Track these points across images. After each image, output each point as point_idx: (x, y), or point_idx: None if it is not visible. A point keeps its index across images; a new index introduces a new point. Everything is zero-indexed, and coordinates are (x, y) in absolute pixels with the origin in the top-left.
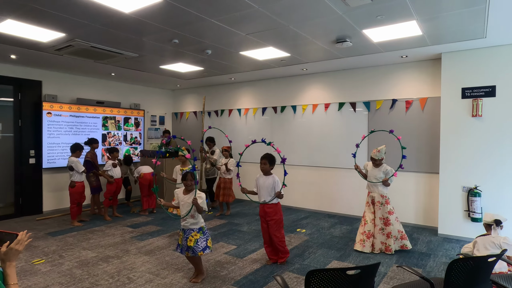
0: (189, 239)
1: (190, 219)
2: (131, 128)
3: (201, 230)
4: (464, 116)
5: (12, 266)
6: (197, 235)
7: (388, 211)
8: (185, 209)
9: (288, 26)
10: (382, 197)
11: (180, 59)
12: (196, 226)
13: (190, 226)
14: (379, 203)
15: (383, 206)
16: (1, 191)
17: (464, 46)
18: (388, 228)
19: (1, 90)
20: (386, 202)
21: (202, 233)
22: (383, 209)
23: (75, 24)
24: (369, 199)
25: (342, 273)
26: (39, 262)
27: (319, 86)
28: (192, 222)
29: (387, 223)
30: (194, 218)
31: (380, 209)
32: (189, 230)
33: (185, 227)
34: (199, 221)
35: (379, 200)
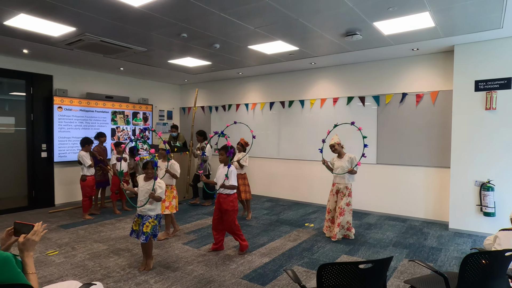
0: (146, 224)
1: (148, 205)
2: (139, 122)
3: (157, 216)
4: (477, 109)
5: (30, 256)
6: (154, 221)
7: (347, 203)
8: (143, 195)
9: (297, 19)
10: (346, 189)
11: (188, 53)
12: (154, 212)
13: (148, 212)
14: (342, 193)
15: (345, 197)
16: (15, 183)
17: (478, 38)
18: (340, 218)
19: (14, 84)
20: (349, 194)
21: (158, 221)
22: (344, 200)
23: (86, 18)
24: (334, 189)
25: (354, 267)
26: (53, 254)
27: (328, 80)
28: (150, 208)
29: (341, 213)
30: (152, 204)
31: (342, 199)
32: (146, 216)
33: (142, 213)
34: (157, 208)
35: (343, 191)
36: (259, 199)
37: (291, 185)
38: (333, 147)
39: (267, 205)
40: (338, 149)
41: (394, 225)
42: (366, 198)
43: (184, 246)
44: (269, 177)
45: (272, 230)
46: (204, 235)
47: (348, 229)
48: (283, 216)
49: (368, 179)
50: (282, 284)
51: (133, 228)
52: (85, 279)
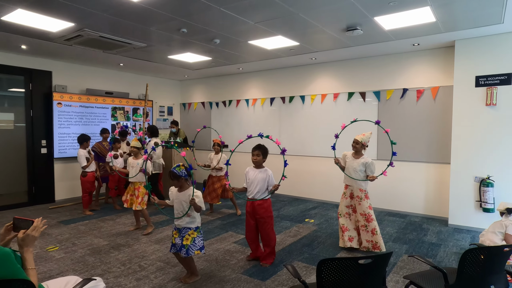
0: (186, 237)
1: (186, 218)
2: (139, 118)
3: (198, 229)
4: (478, 105)
5: (30, 252)
6: (194, 233)
7: (368, 206)
8: (179, 207)
9: (298, 14)
10: (361, 191)
11: (188, 48)
12: (193, 225)
13: (187, 225)
14: (358, 197)
15: (363, 201)
16: (15, 180)
17: (479, 33)
18: (371, 224)
19: (13, 81)
20: (366, 197)
21: (199, 232)
22: (363, 204)
23: (84, 13)
24: (347, 192)
25: (354, 262)
26: (53, 249)
27: (328, 76)
28: (189, 220)
29: (369, 219)
30: (190, 216)
31: (360, 204)
32: (185, 228)
33: (179, 226)
34: (196, 220)
35: (358, 194)
36: None
37: (291, 180)
38: (356, 143)
39: None
40: (359, 148)
41: (394, 221)
42: None
43: None
44: None
45: None
46: (205, 231)
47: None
48: (283, 211)
49: None
50: (282, 279)
51: (172, 242)
52: (85, 275)
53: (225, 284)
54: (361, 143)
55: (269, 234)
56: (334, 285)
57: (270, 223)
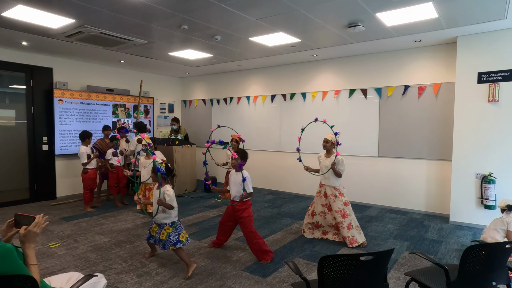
0: (162, 232)
1: (161, 214)
2: (140, 116)
3: (173, 224)
4: (480, 102)
5: (31, 248)
6: (169, 229)
7: (344, 203)
8: (155, 203)
9: (299, 10)
10: (335, 190)
11: (189, 45)
12: (168, 220)
13: (162, 221)
14: (333, 195)
15: (338, 199)
16: (16, 176)
17: (481, 29)
18: (347, 219)
19: (14, 77)
20: (340, 194)
21: (175, 227)
22: (338, 201)
23: (85, 9)
24: (322, 190)
25: (355, 259)
26: (55, 246)
27: (330, 73)
28: (164, 216)
29: (344, 215)
30: (165, 212)
31: (335, 202)
32: (161, 224)
33: (157, 221)
34: (171, 215)
35: (332, 193)
36: (260, 192)
37: (292, 178)
38: (325, 142)
39: (268, 198)
40: (329, 146)
41: (395, 217)
42: (368, 191)
43: None
44: (270, 170)
45: (274, 223)
46: (206, 228)
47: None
48: (284, 209)
49: (369, 172)
50: (283, 276)
51: (150, 233)
52: (87, 271)
53: (226, 281)
54: (331, 141)
55: (250, 236)
56: (336, 282)
57: (250, 224)
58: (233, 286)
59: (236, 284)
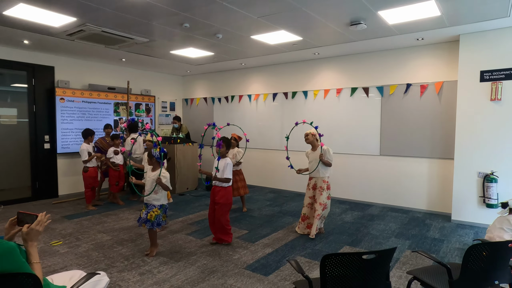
0: (150, 213)
1: (153, 195)
2: (142, 114)
3: (162, 207)
4: (482, 100)
5: (34, 246)
6: (157, 211)
7: (327, 196)
8: (150, 185)
9: (301, 8)
10: (324, 182)
11: (190, 43)
12: (158, 202)
13: (153, 202)
14: (321, 188)
15: (324, 191)
16: (18, 175)
17: (484, 27)
18: (324, 212)
19: (15, 76)
20: (328, 187)
21: (163, 210)
22: (324, 194)
23: (86, 8)
24: (311, 183)
25: (357, 257)
26: (57, 244)
27: (331, 71)
28: (155, 197)
29: (324, 207)
30: (157, 194)
31: (321, 194)
32: (151, 205)
33: (147, 202)
34: (161, 198)
35: (321, 185)
36: (262, 190)
37: (293, 176)
38: (306, 136)
39: (270, 196)
40: (311, 139)
41: (397, 216)
42: (369, 189)
43: (187, 236)
44: (272, 168)
45: (275, 221)
46: (207, 226)
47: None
48: (286, 207)
49: (371, 171)
50: (285, 274)
51: (140, 215)
52: (89, 269)
53: (228, 279)
54: (310, 133)
55: (220, 220)
56: (338, 280)
57: (224, 210)
58: (234, 284)
59: (238, 282)
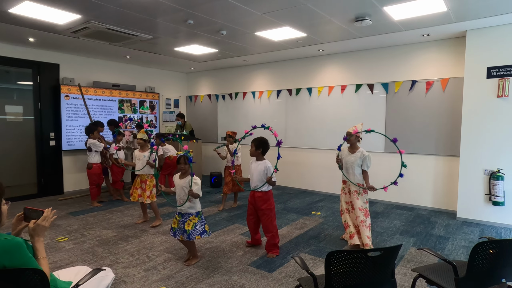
0: (187, 222)
1: (188, 203)
2: (146, 111)
3: (198, 214)
4: (489, 97)
5: (41, 241)
6: (195, 219)
7: (366, 201)
8: (181, 192)
9: (306, 4)
10: (358, 185)
11: (194, 40)
12: (194, 210)
13: (188, 210)
14: (356, 192)
15: (361, 196)
16: (24, 171)
17: (492, 22)
18: (368, 219)
19: (21, 73)
20: (364, 191)
21: (200, 217)
22: (361, 199)
23: (91, 5)
24: (346, 187)
25: (363, 254)
26: (62, 240)
27: (336, 68)
28: (190, 206)
29: (366, 213)
30: (191, 202)
31: (358, 199)
32: (187, 214)
33: (181, 211)
34: (197, 205)
35: (356, 189)
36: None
37: (298, 173)
38: (348, 135)
39: (273, 193)
40: (353, 140)
41: (401, 213)
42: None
43: None
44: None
45: (279, 218)
46: (212, 223)
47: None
48: (290, 204)
49: (375, 168)
50: (289, 271)
51: (172, 226)
52: (95, 265)
53: (232, 276)
54: (354, 134)
55: (268, 227)
56: (343, 277)
57: (269, 216)
58: (239, 281)
59: (242, 279)
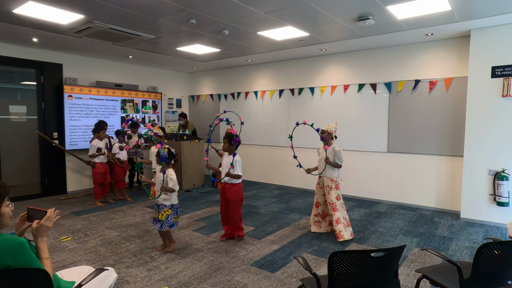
0: (161, 213)
1: (163, 195)
2: (149, 111)
3: (172, 206)
4: (493, 96)
5: (44, 241)
6: (168, 211)
7: (336, 196)
8: (159, 185)
9: (308, 4)
10: (331, 181)
11: (197, 40)
12: (168, 202)
13: (163, 202)
14: (328, 187)
15: (332, 191)
16: (27, 171)
17: (496, 21)
18: (336, 213)
19: (25, 74)
20: (336, 187)
21: (173, 210)
22: (332, 193)
23: (94, 5)
24: (320, 181)
25: (366, 255)
26: (66, 240)
27: (338, 67)
28: (165, 198)
29: (334, 208)
30: (166, 195)
31: (329, 193)
32: (161, 205)
33: (158, 202)
34: (172, 198)
35: (328, 184)
36: (268, 187)
37: (300, 173)
38: (322, 133)
39: (276, 193)
40: (326, 137)
41: (405, 214)
42: (377, 186)
43: (194, 233)
44: (278, 165)
45: (281, 218)
46: (214, 222)
47: (348, 225)
48: (292, 204)
49: (378, 168)
50: (292, 271)
51: (154, 216)
52: (98, 265)
53: (234, 276)
54: (327, 131)
55: (234, 217)
56: (346, 278)
57: (236, 206)
58: (241, 281)
59: (244, 279)
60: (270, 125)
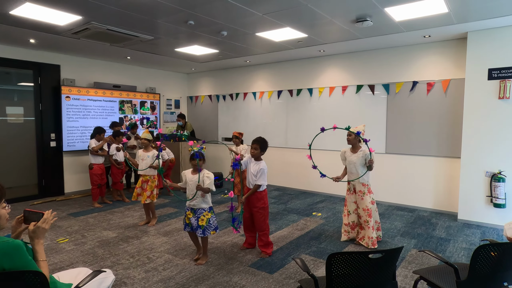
0: (201, 218)
1: (200, 198)
2: (147, 112)
3: (211, 209)
4: (490, 98)
5: (40, 244)
6: (208, 214)
7: (371, 201)
8: (193, 188)
9: (306, 5)
10: (363, 186)
11: (195, 41)
12: (206, 205)
13: (200, 205)
14: (361, 192)
15: (366, 196)
16: (25, 172)
17: (493, 24)
18: (372, 219)
19: (22, 75)
20: (369, 191)
21: (213, 212)
22: (366, 199)
23: (92, 6)
24: (351, 187)
25: (364, 256)
26: (63, 241)
27: (337, 68)
28: (202, 200)
29: (370, 214)
30: (203, 197)
31: (363, 199)
32: (199, 209)
33: (194, 207)
34: (209, 200)
35: (360, 189)
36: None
37: (298, 174)
38: (349, 135)
39: (274, 194)
40: (352, 140)
41: (402, 215)
42: (375, 187)
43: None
44: (277, 166)
45: (280, 219)
46: None
47: (378, 229)
48: (291, 205)
49: (376, 169)
50: (290, 272)
51: (185, 222)
52: (95, 266)
53: (233, 277)
54: (354, 134)
55: (261, 225)
56: (344, 279)
57: (263, 214)
58: (239, 282)
59: (242, 280)
60: (269, 126)
